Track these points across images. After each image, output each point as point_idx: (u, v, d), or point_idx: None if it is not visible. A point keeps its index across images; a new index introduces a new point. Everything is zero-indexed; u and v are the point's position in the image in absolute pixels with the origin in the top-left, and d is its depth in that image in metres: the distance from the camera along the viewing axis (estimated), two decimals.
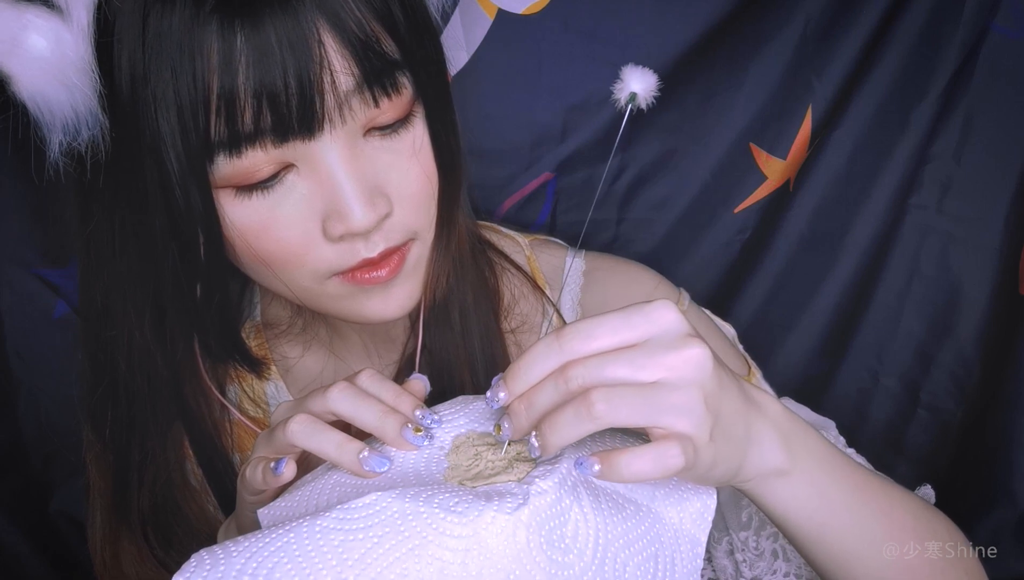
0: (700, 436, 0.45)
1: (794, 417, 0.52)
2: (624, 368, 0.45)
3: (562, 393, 0.45)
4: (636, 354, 0.45)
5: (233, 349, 0.66)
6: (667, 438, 0.45)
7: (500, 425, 0.48)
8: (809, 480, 0.51)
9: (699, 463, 0.46)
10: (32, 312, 0.91)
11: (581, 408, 0.44)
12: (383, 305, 0.59)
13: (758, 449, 0.49)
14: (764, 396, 0.51)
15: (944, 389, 0.92)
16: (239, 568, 0.43)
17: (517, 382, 0.47)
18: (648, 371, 0.45)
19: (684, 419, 0.44)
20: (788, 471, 0.50)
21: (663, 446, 0.44)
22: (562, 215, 0.98)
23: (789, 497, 0.51)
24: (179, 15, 0.49)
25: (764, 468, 0.50)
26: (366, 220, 0.53)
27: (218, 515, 0.71)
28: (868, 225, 0.92)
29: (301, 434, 0.50)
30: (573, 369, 0.45)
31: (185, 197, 0.52)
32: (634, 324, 0.45)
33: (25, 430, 0.93)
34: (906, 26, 0.86)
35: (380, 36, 0.53)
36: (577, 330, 0.46)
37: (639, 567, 0.47)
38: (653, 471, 0.44)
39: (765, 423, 0.50)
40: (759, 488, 0.51)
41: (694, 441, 0.45)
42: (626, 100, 0.53)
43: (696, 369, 0.45)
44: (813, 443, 0.52)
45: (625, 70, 0.54)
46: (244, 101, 0.50)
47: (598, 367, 0.45)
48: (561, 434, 0.45)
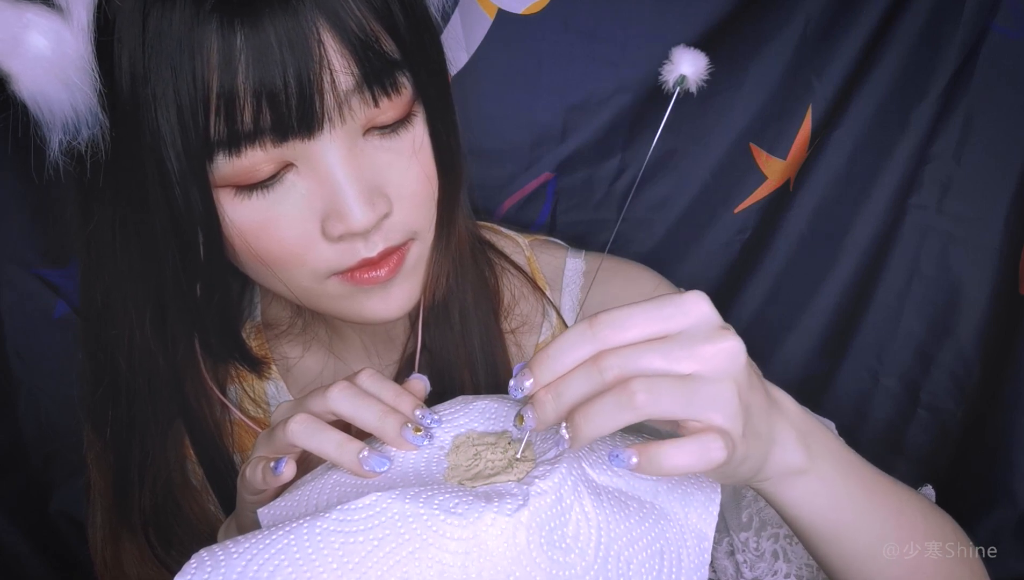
0: (735, 430, 0.44)
1: (810, 416, 0.52)
2: (660, 359, 0.44)
3: (595, 383, 0.44)
4: (672, 345, 0.44)
5: (234, 348, 0.66)
6: (706, 431, 0.44)
7: (523, 415, 0.46)
8: (825, 479, 0.51)
9: (734, 458, 0.45)
10: (32, 312, 0.91)
11: (622, 397, 0.43)
12: (383, 305, 0.59)
13: (780, 448, 0.49)
14: (782, 394, 0.51)
15: (944, 389, 0.92)
16: (240, 570, 0.43)
17: (545, 370, 0.45)
18: (684, 363, 0.44)
19: (721, 412, 0.44)
20: (806, 470, 0.50)
21: (705, 438, 0.43)
22: (562, 215, 0.98)
23: (805, 495, 0.51)
24: (179, 14, 0.49)
25: (784, 467, 0.49)
26: (365, 220, 0.53)
27: (219, 514, 0.71)
28: (868, 225, 0.92)
29: (301, 434, 0.50)
30: (608, 358, 0.44)
31: (185, 196, 0.52)
32: (668, 315, 0.45)
33: (25, 430, 0.93)
34: (906, 26, 0.86)
35: (380, 36, 0.53)
36: (611, 319, 0.44)
37: (644, 564, 0.47)
38: (696, 464, 0.43)
39: (785, 422, 0.49)
40: (776, 486, 0.50)
41: (731, 435, 0.44)
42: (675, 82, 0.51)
43: (731, 361, 0.44)
44: (828, 442, 0.52)
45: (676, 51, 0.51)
46: (244, 100, 0.50)
47: (635, 357, 0.44)
48: (596, 423, 0.44)
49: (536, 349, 0.72)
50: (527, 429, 0.46)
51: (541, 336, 0.72)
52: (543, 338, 0.72)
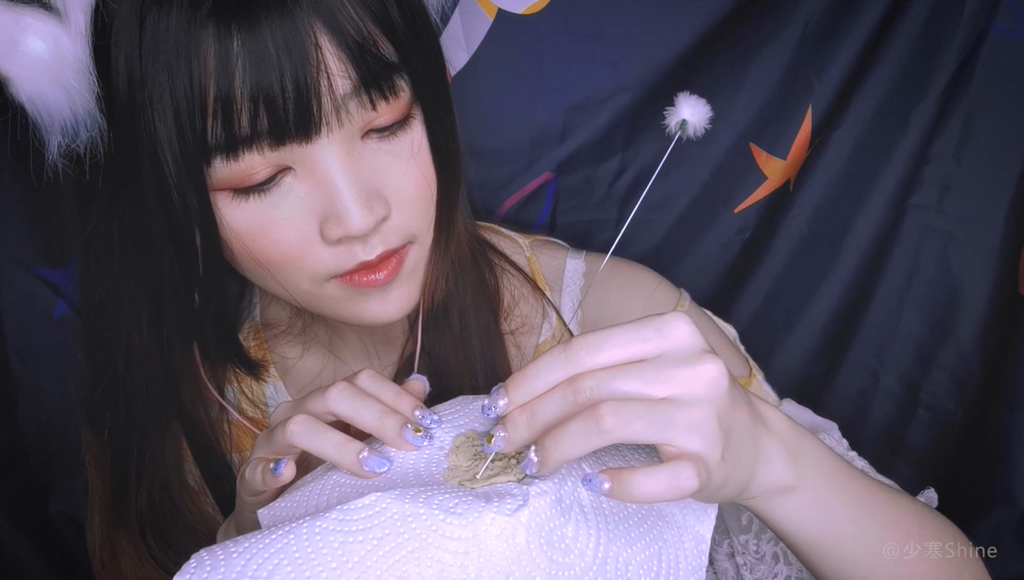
0: (712, 456, 0.44)
1: (799, 430, 0.51)
2: (635, 382, 0.43)
3: (569, 404, 0.43)
4: (648, 369, 0.43)
5: (231, 352, 0.66)
6: (680, 458, 0.43)
7: (492, 434, 0.46)
8: (814, 495, 0.50)
9: (710, 483, 0.44)
10: (32, 312, 0.91)
11: (590, 421, 0.42)
12: (381, 307, 0.59)
13: (766, 467, 0.48)
14: (770, 410, 0.50)
15: (944, 389, 0.92)
16: (239, 570, 0.43)
17: (520, 391, 0.45)
18: (660, 386, 0.43)
19: (697, 438, 0.43)
20: (794, 487, 0.49)
21: (676, 467, 0.43)
22: (562, 215, 0.98)
23: (794, 512, 0.50)
24: (176, 18, 0.49)
25: (771, 485, 0.49)
26: (364, 223, 0.53)
27: (216, 516, 0.71)
28: (868, 225, 0.92)
29: (300, 434, 0.50)
30: (582, 381, 0.43)
31: (182, 199, 0.52)
32: (646, 337, 0.44)
33: (25, 430, 0.93)
34: (906, 26, 0.86)
35: (377, 39, 0.53)
36: (586, 342, 0.44)
37: (642, 565, 0.47)
38: (666, 493, 0.43)
39: (773, 440, 0.49)
40: (764, 504, 0.50)
41: (706, 461, 0.44)
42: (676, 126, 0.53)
43: (710, 386, 0.44)
44: (818, 456, 0.51)
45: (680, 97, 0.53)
46: (241, 104, 0.49)
47: (608, 380, 0.43)
48: (565, 448, 0.43)
49: (536, 350, 0.72)
50: (494, 449, 0.46)
51: (541, 337, 0.72)
52: (543, 339, 0.72)
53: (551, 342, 0.72)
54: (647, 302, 0.72)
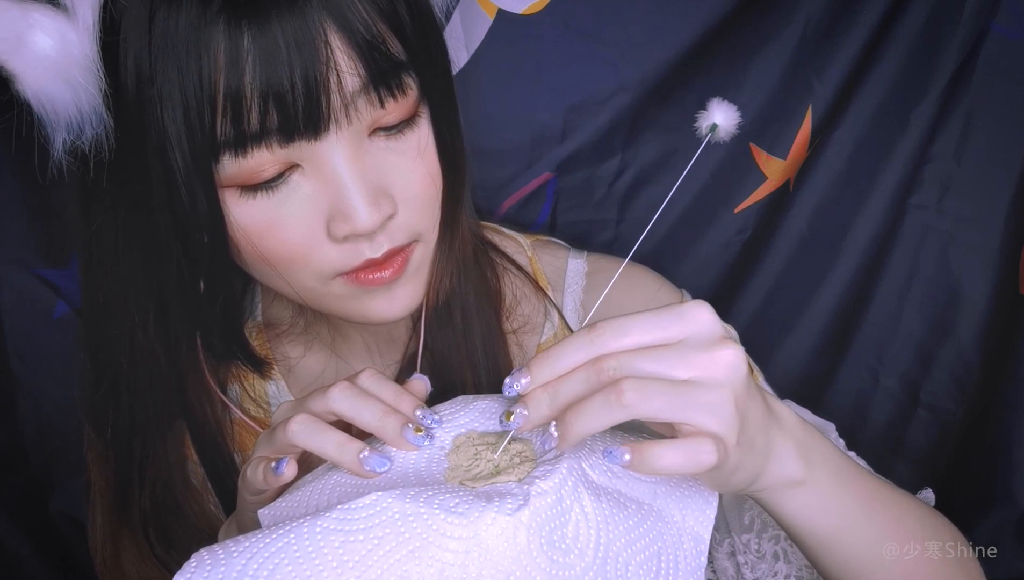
0: (729, 437, 0.45)
1: (809, 427, 0.52)
2: (656, 364, 0.44)
3: (592, 384, 0.45)
4: (670, 352, 0.45)
5: (237, 348, 0.66)
6: (699, 434, 0.44)
7: (512, 411, 0.47)
8: (822, 490, 0.51)
9: (727, 464, 0.45)
10: (32, 312, 0.90)
11: (611, 395, 0.43)
12: (387, 305, 0.59)
13: (777, 459, 0.49)
14: (781, 405, 0.51)
15: (944, 389, 0.92)
16: (240, 569, 0.43)
17: (543, 369, 0.46)
18: (682, 369, 0.44)
19: (715, 418, 0.44)
20: (803, 482, 0.50)
21: (697, 441, 0.44)
22: (562, 215, 0.98)
23: (802, 507, 0.51)
24: (186, 14, 0.49)
25: (781, 479, 0.50)
26: (371, 221, 0.53)
27: (219, 515, 0.71)
28: (868, 225, 0.92)
29: (302, 434, 0.50)
30: (605, 361, 0.44)
31: (190, 196, 0.52)
32: (669, 323, 0.45)
33: (25, 430, 0.93)
34: (906, 26, 0.86)
35: (387, 37, 0.53)
36: (611, 326, 0.45)
37: (642, 566, 0.47)
38: (685, 465, 0.44)
39: (784, 433, 0.50)
40: (773, 497, 0.51)
41: (724, 441, 0.45)
42: (707, 129, 0.55)
43: (729, 371, 0.45)
44: (827, 453, 0.52)
45: (712, 102, 0.55)
46: (250, 101, 0.50)
47: (631, 360, 0.44)
48: (585, 421, 0.44)
49: (538, 349, 0.72)
50: (512, 427, 0.47)
51: (543, 336, 0.72)
52: (544, 338, 0.72)
53: (553, 342, 0.72)
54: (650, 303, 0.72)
